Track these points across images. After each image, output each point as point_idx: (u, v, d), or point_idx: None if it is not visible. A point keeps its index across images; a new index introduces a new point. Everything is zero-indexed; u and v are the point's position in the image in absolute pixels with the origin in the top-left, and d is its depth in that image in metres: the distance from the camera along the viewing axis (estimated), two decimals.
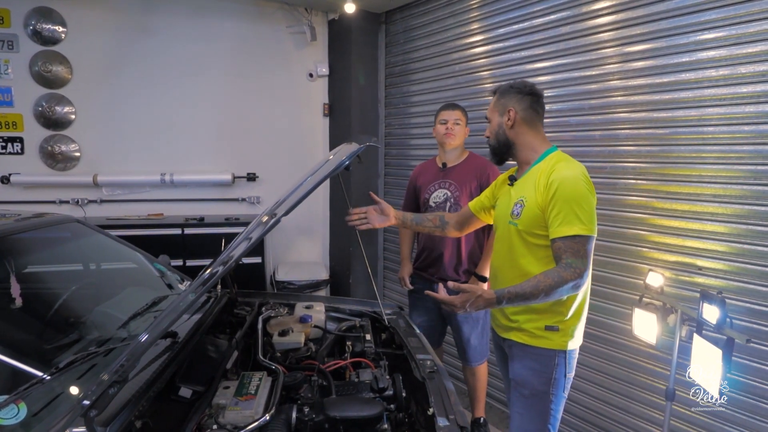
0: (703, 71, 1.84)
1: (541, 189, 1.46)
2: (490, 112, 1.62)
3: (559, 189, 1.41)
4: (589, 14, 2.24)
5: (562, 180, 1.42)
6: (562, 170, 1.44)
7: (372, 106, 3.61)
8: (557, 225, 1.40)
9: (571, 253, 1.37)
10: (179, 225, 3.17)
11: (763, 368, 1.72)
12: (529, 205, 1.49)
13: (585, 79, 2.26)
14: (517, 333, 1.56)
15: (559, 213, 1.40)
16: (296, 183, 1.69)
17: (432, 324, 2.44)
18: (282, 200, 1.66)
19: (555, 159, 1.51)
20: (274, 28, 3.66)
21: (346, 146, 1.78)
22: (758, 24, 1.68)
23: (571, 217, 1.38)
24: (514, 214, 1.54)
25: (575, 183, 1.41)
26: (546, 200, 1.44)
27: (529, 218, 1.49)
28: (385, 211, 1.88)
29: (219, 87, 3.60)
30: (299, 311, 2.11)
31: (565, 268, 1.36)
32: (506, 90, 1.59)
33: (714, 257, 1.85)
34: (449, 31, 3.04)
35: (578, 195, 1.39)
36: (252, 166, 3.69)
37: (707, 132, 1.84)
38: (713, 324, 1.52)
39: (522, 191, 1.55)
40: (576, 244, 1.37)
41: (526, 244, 1.51)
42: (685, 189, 1.92)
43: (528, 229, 1.49)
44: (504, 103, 1.58)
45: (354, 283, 3.60)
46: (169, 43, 3.46)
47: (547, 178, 1.45)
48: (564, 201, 1.39)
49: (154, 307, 1.74)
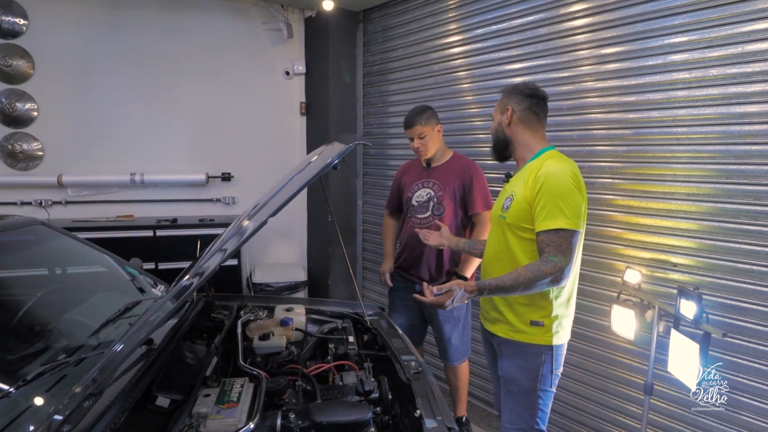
0: (674, 73, 1.89)
1: (529, 184, 1.49)
2: (494, 111, 1.68)
3: (545, 183, 1.44)
4: (566, 16, 2.27)
5: (548, 175, 1.45)
6: (550, 166, 1.48)
7: (350, 105, 3.58)
8: (542, 219, 1.43)
9: (554, 248, 1.40)
10: (151, 227, 3.05)
11: (738, 361, 1.78)
12: (517, 199, 1.53)
13: (561, 81, 2.29)
14: (502, 326, 1.58)
15: (544, 207, 1.42)
16: (278, 185, 1.65)
17: (413, 324, 2.43)
18: (264, 203, 1.61)
19: (546, 156, 1.54)
20: (250, 24, 3.58)
21: (329, 146, 1.74)
22: (728, 28, 1.74)
23: (555, 212, 1.40)
24: (504, 207, 1.58)
25: (561, 178, 1.44)
26: (533, 194, 1.46)
27: (516, 211, 1.52)
28: (442, 232, 1.97)
29: (192, 84, 3.49)
30: (279, 314, 2.06)
31: (545, 263, 1.39)
32: (510, 90, 1.63)
33: (688, 254, 1.90)
34: (427, 31, 3.03)
35: (563, 190, 1.42)
36: (227, 166, 3.60)
37: (680, 132, 1.89)
38: (690, 319, 1.56)
39: (513, 187, 1.59)
40: (559, 238, 1.40)
41: (515, 238, 1.54)
42: (660, 188, 1.96)
43: (515, 222, 1.52)
44: (505, 102, 1.63)
45: (333, 284, 3.55)
46: (139, 37, 3.33)
47: (535, 174, 1.48)
48: (549, 195, 1.42)
49: (126, 313, 1.67)
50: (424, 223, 2.29)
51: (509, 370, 1.58)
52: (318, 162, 1.59)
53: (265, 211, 1.51)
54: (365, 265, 3.71)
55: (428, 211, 2.30)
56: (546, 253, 1.40)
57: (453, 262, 2.31)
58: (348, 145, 1.49)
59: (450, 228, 2.25)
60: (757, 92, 1.69)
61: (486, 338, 1.76)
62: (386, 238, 2.60)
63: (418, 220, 2.31)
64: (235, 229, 1.61)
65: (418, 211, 2.32)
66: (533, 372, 1.52)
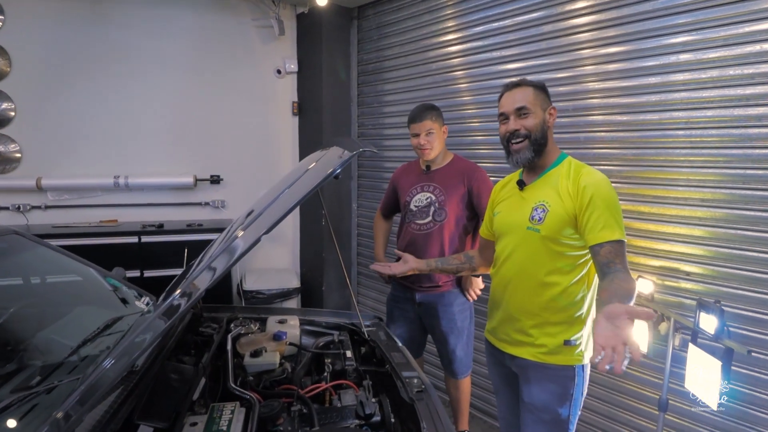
0: (703, 71, 1.78)
1: (569, 194, 1.40)
2: (532, 104, 1.46)
3: (596, 194, 1.35)
4: (568, 14, 2.18)
5: (596, 185, 1.37)
6: (592, 175, 1.40)
7: (344, 105, 3.46)
8: (599, 229, 1.32)
9: (620, 258, 1.29)
10: (135, 233, 2.91)
11: (763, 377, 1.69)
12: (555, 210, 1.42)
13: (562, 81, 2.21)
14: (530, 349, 1.47)
15: (600, 217, 1.33)
16: (273, 192, 1.53)
17: (412, 335, 2.33)
18: (258, 213, 1.49)
19: (574, 164, 1.46)
20: (239, 20, 3.45)
21: (327, 151, 1.63)
22: (747, 25, 1.65)
23: (612, 222, 1.32)
24: (535, 219, 1.45)
25: (609, 188, 1.38)
26: (581, 205, 1.37)
27: (555, 224, 1.41)
28: (405, 258, 1.90)
29: (179, 82, 3.35)
30: (272, 326, 1.94)
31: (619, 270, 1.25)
32: (542, 87, 1.51)
33: (702, 262, 1.82)
34: (424, 28, 2.93)
35: (613, 200, 1.36)
36: (216, 168, 3.46)
37: (696, 135, 1.81)
38: (711, 334, 1.47)
39: (540, 195, 1.47)
40: (622, 248, 1.31)
41: (548, 252, 1.43)
42: (672, 193, 1.88)
43: (553, 234, 1.42)
44: (546, 99, 1.51)
45: (327, 291, 3.44)
46: (123, 34, 3.18)
47: (576, 183, 1.40)
48: (604, 206, 1.34)
49: (107, 330, 1.54)
50: (424, 229, 2.19)
51: (540, 397, 1.47)
52: (317, 170, 1.47)
53: (259, 224, 1.39)
54: (360, 270, 3.60)
55: (429, 216, 2.19)
56: (619, 264, 1.28)
57: None
58: (351, 152, 1.38)
59: (452, 235, 2.15)
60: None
61: (498, 360, 1.63)
62: (377, 237, 2.48)
63: (418, 226, 2.20)
64: (225, 243, 1.50)
65: (417, 216, 2.21)
66: (566, 396, 1.43)
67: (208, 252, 1.85)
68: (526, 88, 1.48)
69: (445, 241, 2.15)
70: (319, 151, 1.75)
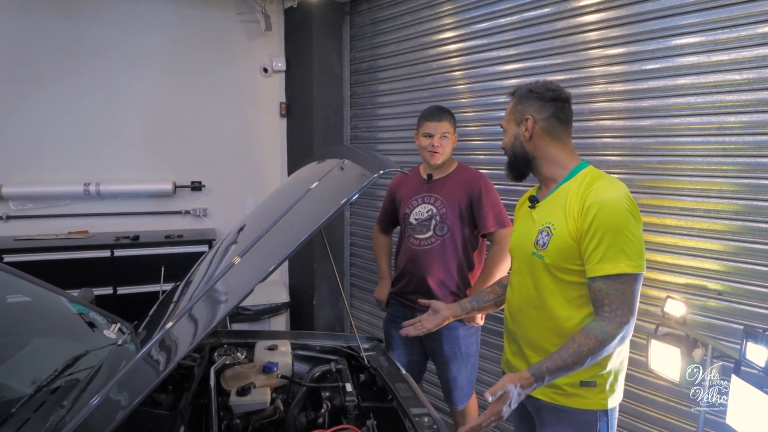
0: (737, 73, 1.63)
1: (574, 214, 1.20)
2: (506, 120, 1.37)
3: (598, 215, 1.15)
4: (576, 11, 2.03)
5: (601, 204, 1.16)
6: (601, 191, 1.18)
7: (336, 106, 3.26)
8: (597, 261, 1.15)
9: (616, 297, 1.13)
10: (108, 246, 2.68)
11: None
12: (559, 234, 1.22)
13: (569, 83, 2.04)
14: (545, 390, 1.28)
15: (599, 246, 1.14)
16: (271, 212, 1.33)
17: (413, 359, 2.13)
18: (249, 244, 1.30)
19: (590, 177, 1.25)
20: (222, 14, 3.23)
21: (332, 166, 1.42)
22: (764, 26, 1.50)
23: (615, 251, 1.13)
24: (540, 244, 1.26)
25: (618, 207, 1.16)
26: (582, 228, 1.18)
27: (559, 250, 1.22)
28: (436, 307, 1.63)
29: (156, 81, 3.12)
30: (260, 354, 1.75)
31: (608, 321, 1.12)
32: (525, 95, 1.32)
33: (735, 281, 1.67)
34: (421, 25, 2.75)
35: (622, 223, 1.15)
36: (197, 174, 3.24)
37: (730, 142, 1.65)
38: (761, 367, 1.30)
39: (548, 216, 1.28)
40: (621, 285, 1.13)
41: (555, 281, 1.24)
42: (703, 204, 1.72)
43: (557, 263, 1.23)
44: (521, 110, 1.31)
45: (318, 305, 3.23)
46: (94, 28, 2.94)
47: (582, 201, 1.19)
48: (605, 231, 1.14)
49: (68, 370, 1.31)
50: (425, 245, 1.99)
51: None
52: (324, 194, 1.27)
53: (256, 257, 1.20)
54: (353, 282, 3.39)
55: (430, 230, 1.99)
56: (606, 307, 1.13)
57: (463, 289, 2.01)
58: (371, 174, 1.17)
59: (456, 252, 1.97)
60: None
61: None
62: (380, 257, 2.29)
63: (418, 241, 2.01)
64: (210, 282, 1.30)
65: (417, 230, 2.02)
66: None
67: (196, 275, 1.64)
68: (511, 101, 1.37)
69: (449, 259, 1.97)
70: (317, 163, 1.55)
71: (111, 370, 1.35)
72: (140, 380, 1.20)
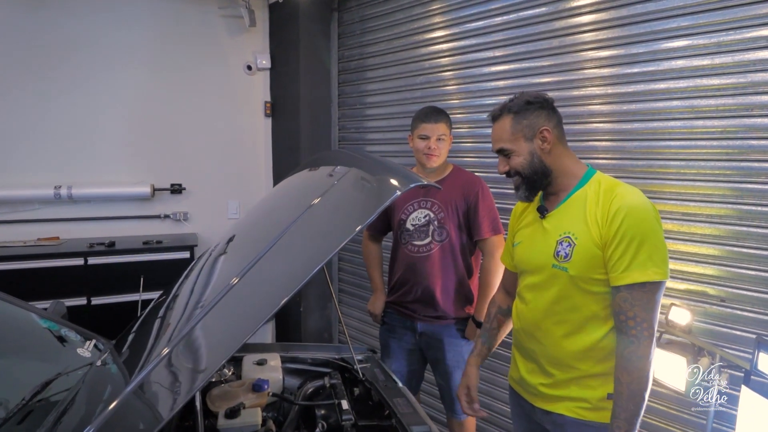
0: (742, 75, 1.60)
1: (597, 221, 1.16)
2: (509, 142, 1.26)
3: (626, 221, 1.11)
4: (567, 12, 1.98)
5: (629, 209, 1.12)
6: (627, 197, 1.14)
7: (323, 105, 3.15)
8: (623, 269, 1.10)
9: (641, 308, 1.09)
10: (81, 253, 2.51)
11: None
12: (582, 243, 1.17)
13: (564, 84, 2.02)
14: (568, 404, 1.23)
15: (626, 252, 1.10)
16: (266, 226, 1.23)
17: (412, 368, 2.06)
18: (253, 260, 1.18)
19: (606, 183, 1.21)
20: (203, 9, 3.08)
21: (337, 180, 1.33)
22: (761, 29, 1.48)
23: (643, 259, 1.09)
24: (561, 255, 1.20)
25: (645, 213, 1.12)
26: (608, 235, 1.13)
27: (584, 260, 1.17)
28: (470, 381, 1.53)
29: (133, 79, 2.96)
30: (249, 370, 1.65)
31: (636, 339, 1.08)
32: (523, 108, 1.25)
33: (740, 288, 1.64)
34: (412, 23, 2.67)
35: (650, 229, 1.11)
36: (177, 176, 3.08)
37: (734, 147, 1.62)
38: None
39: (566, 225, 1.22)
40: (646, 294, 1.09)
41: (581, 293, 1.19)
42: (707, 210, 1.69)
43: (585, 274, 1.17)
44: (530, 124, 1.24)
45: (306, 312, 3.11)
46: (65, 22, 2.77)
47: (607, 207, 1.15)
48: (632, 237, 1.10)
49: (36, 397, 1.18)
50: (423, 252, 1.91)
51: None
52: (332, 217, 1.18)
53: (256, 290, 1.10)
54: (342, 288, 3.29)
55: (428, 236, 1.92)
56: (631, 321, 1.09)
57: (464, 297, 1.94)
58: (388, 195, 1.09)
59: (455, 258, 1.91)
60: None
61: (526, 413, 1.38)
62: (372, 267, 2.19)
63: (416, 248, 1.93)
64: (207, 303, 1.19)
65: (414, 237, 1.94)
66: None
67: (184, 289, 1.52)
68: (503, 121, 1.28)
69: (450, 265, 1.90)
70: (311, 170, 1.45)
71: (92, 396, 1.22)
72: (132, 422, 1.06)
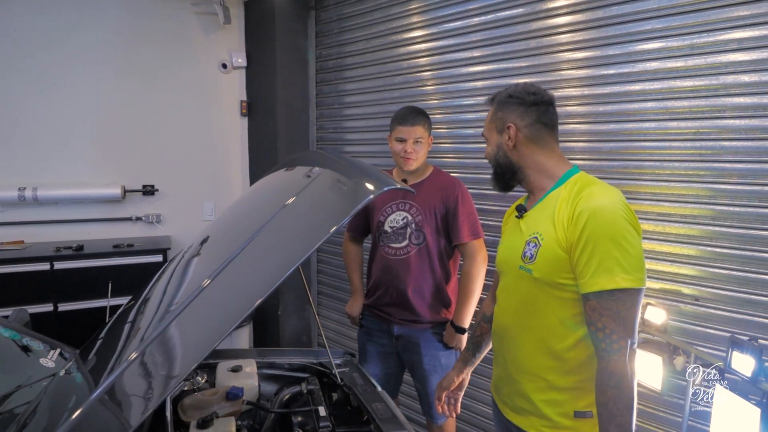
0: (715, 78, 1.63)
1: (563, 222, 1.10)
2: (487, 129, 1.27)
3: (589, 223, 1.04)
4: (548, 12, 1.98)
5: (593, 211, 1.05)
6: (594, 197, 1.08)
7: (301, 105, 3.10)
8: (590, 275, 1.03)
9: (610, 318, 1.01)
10: (47, 258, 2.41)
11: None
12: (547, 245, 1.12)
13: (543, 85, 1.98)
14: (533, 420, 1.18)
15: (592, 257, 1.03)
16: (239, 228, 1.20)
17: (389, 372, 2.03)
18: (225, 261, 1.15)
19: (580, 183, 1.15)
20: (175, 6, 3.00)
21: (311, 179, 1.29)
22: (742, 31, 1.50)
23: (610, 264, 1.02)
24: (527, 256, 1.16)
25: (612, 214, 1.04)
26: (572, 239, 1.07)
27: (547, 261, 1.11)
28: (461, 382, 1.57)
29: (103, 77, 2.86)
30: (223, 377, 1.59)
31: (607, 354, 1.01)
32: (504, 100, 1.23)
33: (713, 287, 1.66)
34: (390, 23, 2.64)
35: (618, 232, 1.03)
36: (149, 177, 3.00)
37: (707, 148, 1.64)
38: (747, 377, 1.28)
39: (536, 226, 1.18)
40: (617, 304, 1.01)
41: (546, 298, 1.14)
42: (681, 210, 1.71)
43: (548, 277, 1.12)
44: (502, 117, 1.22)
45: (284, 315, 3.06)
46: (32, 18, 2.66)
47: (572, 208, 1.09)
48: (597, 240, 1.03)
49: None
50: (400, 254, 1.89)
51: None
52: (304, 212, 1.14)
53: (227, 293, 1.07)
54: (321, 290, 3.24)
55: (405, 239, 1.89)
56: (600, 333, 1.01)
57: (440, 301, 1.92)
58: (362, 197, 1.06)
59: (432, 262, 1.89)
60: None
61: (505, 426, 1.32)
62: (351, 269, 2.15)
63: (393, 250, 1.90)
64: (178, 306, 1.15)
65: (392, 239, 1.91)
66: None
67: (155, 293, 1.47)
68: (491, 108, 1.29)
69: (427, 269, 1.88)
70: (287, 170, 1.41)
71: (55, 407, 1.16)
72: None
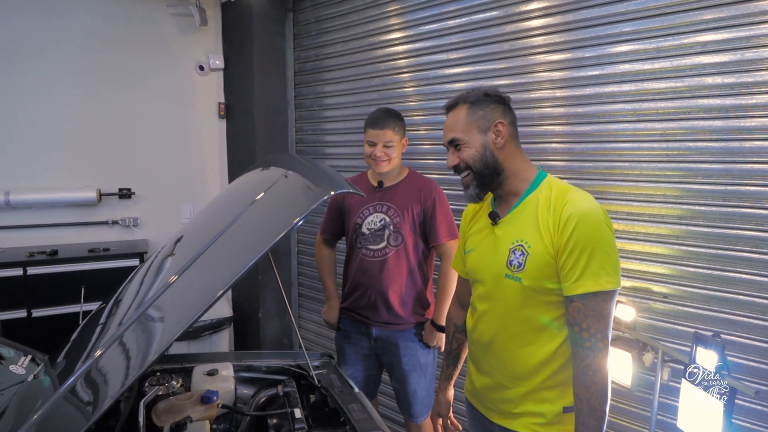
0: (679, 80, 1.67)
1: (549, 228, 1.12)
2: (463, 132, 1.21)
3: (578, 228, 1.08)
4: (523, 15, 2.01)
5: (581, 216, 1.09)
6: (578, 203, 1.11)
7: (279, 107, 3.09)
8: (576, 278, 1.08)
9: (594, 318, 1.06)
10: (20, 263, 2.36)
11: None
12: (536, 252, 1.14)
13: (517, 87, 2.04)
14: (525, 420, 1.20)
15: (578, 261, 1.07)
16: (212, 224, 1.20)
17: (368, 374, 2.04)
18: (196, 254, 1.15)
19: (557, 187, 1.17)
20: (150, 7, 2.97)
21: (278, 177, 1.30)
22: (724, 32, 1.55)
23: (596, 267, 1.06)
24: (514, 265, 1.17)
25: (597, 220, 1.09)
26: (560, 243, 1.10)
27: (537, 269, 1.13)
28: (443, 409, 1.55)
29: (76, 80, 2.82)
30: (199, 381, 1.58)
31: (591, 351, 1.06)
32: (482, 99, 1.21)
33: (679, 284, 1.70)
34: (368, 25, 2.65)
35: (602, 237, 1.08)
36: (126, 180, 2.96)
37: (674, 148, 1.68)
38: (711, 371, 1.32)
39: (518, 233, 1.18)
40: (599, 304, 1.07)
41: (534, 305, 1.16)
42: (649, 209, 1.75)
43: (538, 284, 1.14)
44: (485, 115, 1.20)
45: (264, 318, 3.04)
46: (2, 19, 2.61)
47: (558, 213, 1.12)
48: (585, 245, 1.07)
49: None
50: (378, 256, 1.90)
51: None
52: (272, 210, 1.15)
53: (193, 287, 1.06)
54: (301, 292, 3.24)
55: (383, 241, 1.90)
56: (585, 332, 1.06)
57: (419, 302, 1.93)
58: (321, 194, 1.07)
59: (410, 263, 1.90)
60: (760, 104, 1.50)
61: (485, 427, 1.34)
62: (325, 275, 2.13)
63: (371, 252, 1.91)
64: (144, 304, 1.15)
65: (370, 241, 1.92)
66: None
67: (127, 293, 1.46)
68: (458, 110, 1.23)
69: (405, 270, 1.89)
70: (261, 170, 1.41)
71: (21, 412, 1.15)
72: (62, 425, 1.03)
